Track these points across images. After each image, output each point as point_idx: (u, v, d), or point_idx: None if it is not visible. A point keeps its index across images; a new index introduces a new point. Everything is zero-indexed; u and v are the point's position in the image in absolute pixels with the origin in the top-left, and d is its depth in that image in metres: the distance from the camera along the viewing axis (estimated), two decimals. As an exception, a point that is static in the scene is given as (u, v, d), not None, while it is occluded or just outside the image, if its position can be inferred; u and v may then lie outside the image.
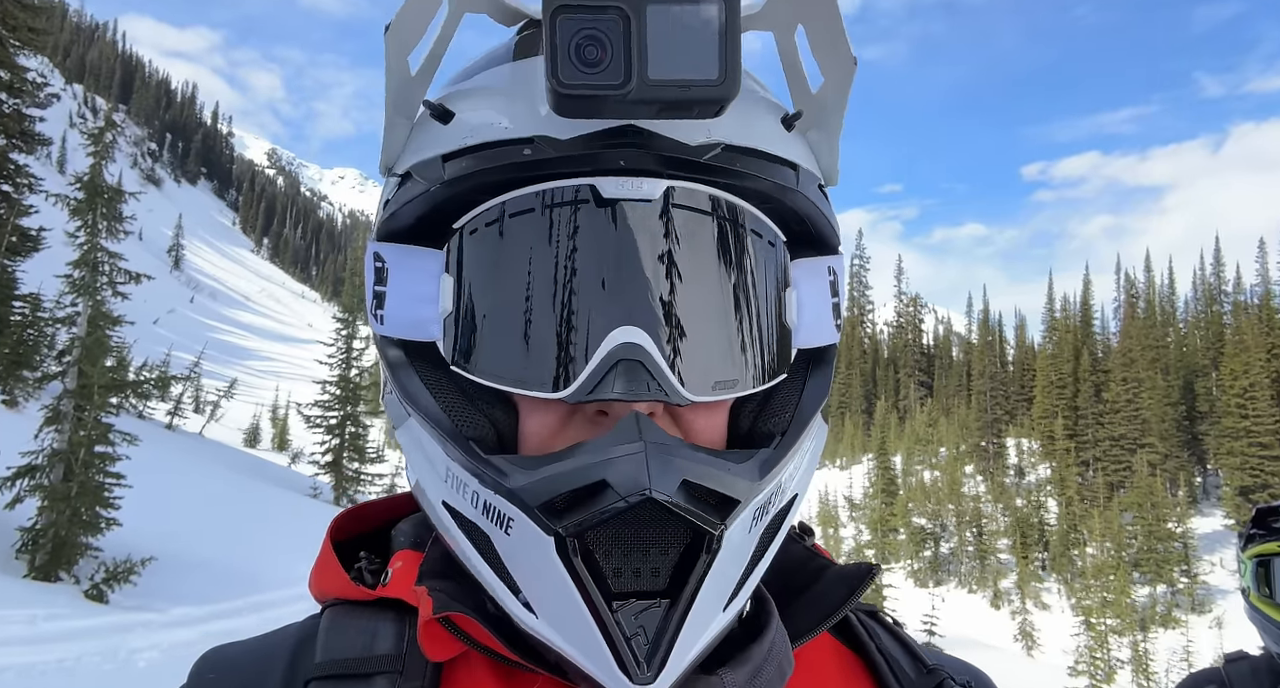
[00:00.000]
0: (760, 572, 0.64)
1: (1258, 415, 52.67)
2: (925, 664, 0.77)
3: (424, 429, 0.66)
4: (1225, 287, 69.72)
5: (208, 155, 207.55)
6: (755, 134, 0.65)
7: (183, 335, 73.97)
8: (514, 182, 0.63)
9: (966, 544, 59.65)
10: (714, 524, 0.56)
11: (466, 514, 0.62)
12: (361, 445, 29.98)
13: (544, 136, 0.61)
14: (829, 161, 0.74)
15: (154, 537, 12.33)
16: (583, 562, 0.56)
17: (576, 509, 0.55)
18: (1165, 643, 40.10)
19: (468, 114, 0.66)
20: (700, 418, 0.66)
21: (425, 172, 0.65)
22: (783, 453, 0.65)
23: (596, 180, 0.61)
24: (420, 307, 0.66)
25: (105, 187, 13.92)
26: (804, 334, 0.70)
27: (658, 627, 0.56)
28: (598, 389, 0.59)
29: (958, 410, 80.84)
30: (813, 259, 0.72)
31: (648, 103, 0.56)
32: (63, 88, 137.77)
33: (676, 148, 0.61)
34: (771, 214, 0.68)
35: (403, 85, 0.67)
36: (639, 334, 0.59)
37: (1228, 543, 51.78)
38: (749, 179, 0.65)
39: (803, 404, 0.70)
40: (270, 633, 0.74)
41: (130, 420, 17.59)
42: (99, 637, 8.49)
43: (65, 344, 13.47)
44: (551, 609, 0.57)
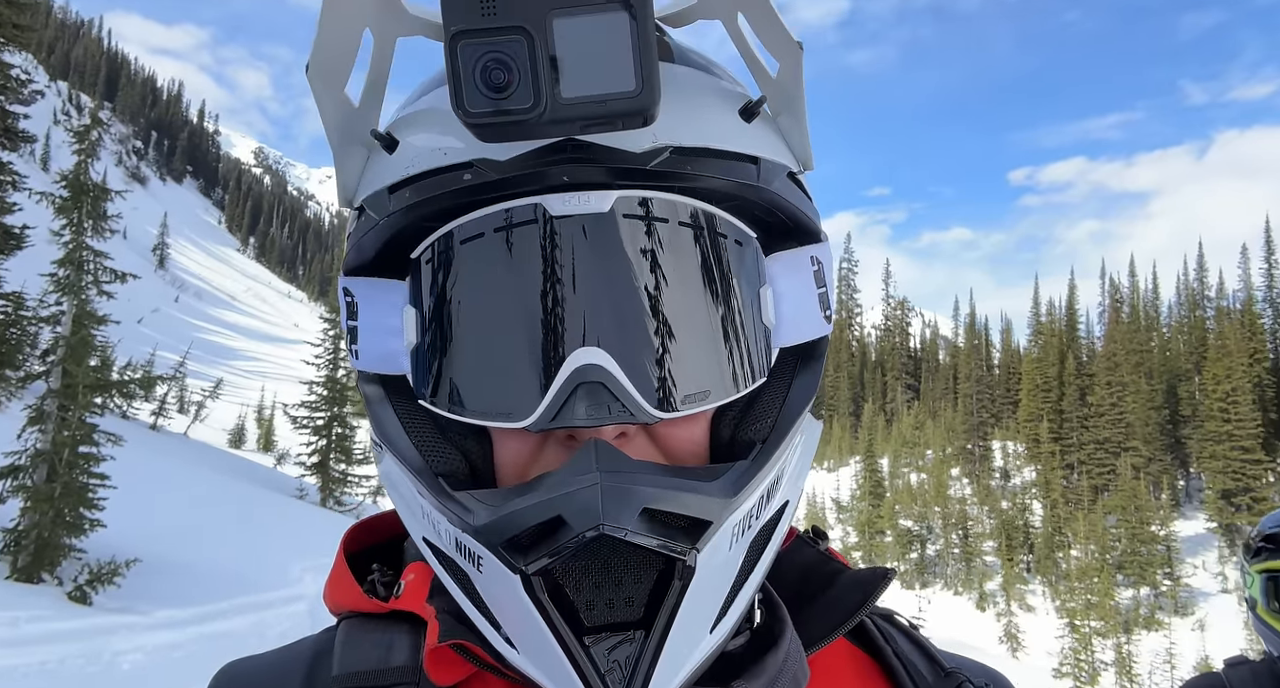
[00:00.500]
0: (752, 586, 0.62)
1: (1239, 420, 53.23)
2: (943, 668, 0.76)
3: (396, 466, 0.65)
4: (1208, 292, 70.47)
5: (194, 153, 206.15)
6: (706, 132, 0.63)
7: (168, 335, 73.40)
8: (464, 207, 0.61)
9: (952, 546, 59.98)
10: (683, 550, 0.55)
11: (444, 550, 0.61)
12: (349, 447, 29.83)
13: (484, 159, 0.59)
14: (801, 146, 0.70)
15: (138, 538, 12.22)
16: (552, 597, 0.54)
17: (540, 545, 0.54)
18: (1148, 645, 40.43)
19: (411, 139, 0.64)
20: (678, 432, 0.64)
21: (375, 205, 0.64)
22: (761, 464, 0.62)
23: (543, 198, 0.59)
24: (389, 340, 0.65)
25: (90, 184, 13.79)
26: (785, 332, 0.67)
27: (634, 660, 0.55)
28: (560, 415, 0.57)
29: (944, 413, 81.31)
30: (793, 251, 0.69)
31: (565, 122, 0.54)
32: (47, 85, 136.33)
33: (621, 157, 0.59)
34: (738, 210, 0.65)
35: (347, 118, 0.65)
36: (599, 354, 0.57)
37: (1210, 546, 52.32)
38: (703, 180, 0.62)
39: (786, 407, 0.67)
40: (286, 647, 0.74)
41: (114, 421, 17.44)
42: (82, 639, 8.41)
43: (49, 343, 13.33)
44: (528, 645, 0.57)
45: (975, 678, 0.77)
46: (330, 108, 0.64)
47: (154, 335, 63.85)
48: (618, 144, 0.59)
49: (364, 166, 0.68)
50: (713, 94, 0.66)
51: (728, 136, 0.64)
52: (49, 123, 69.46)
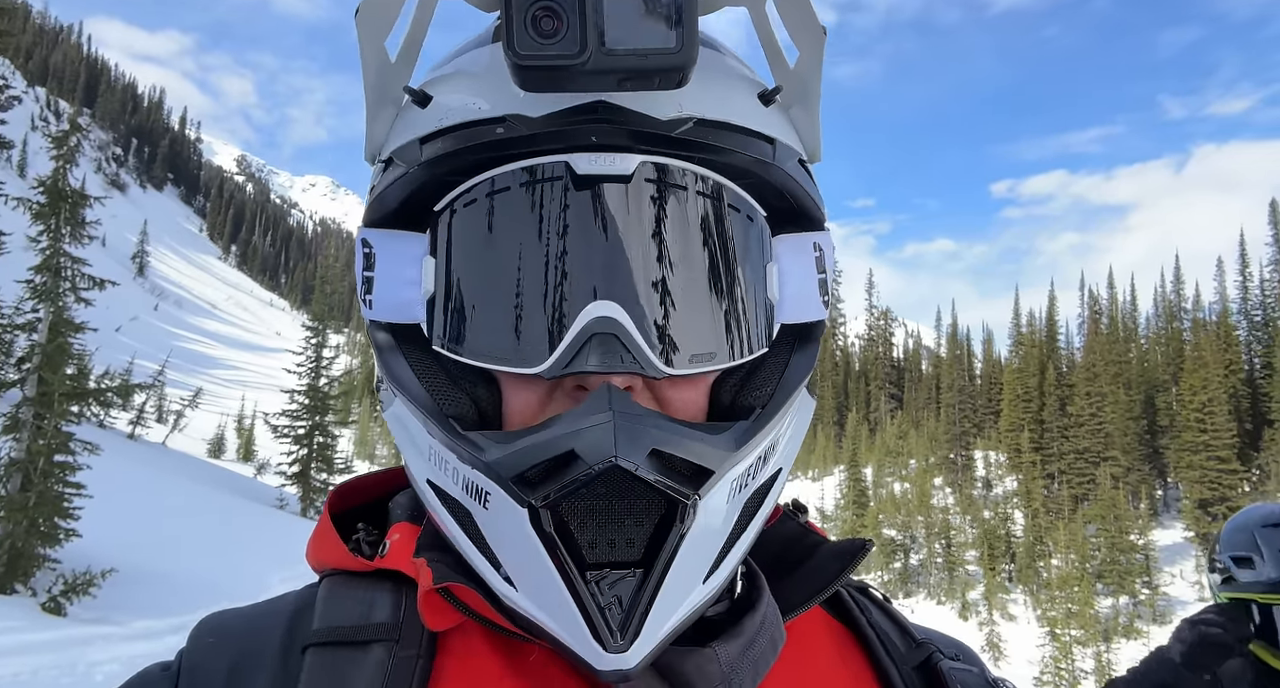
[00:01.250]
0: (744, 545, 0.64)
1: (1216, 430, 53.92)
2: (914, 638, 0.79)
3: (408, 409, 0.67)
4: (1185, 304, 71.49)
5: (175, 161, 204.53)
6: (729, 108, 0.65)
7: (146, 343, 72.59)
8: (491, 162, 0.63)
9: (935, 556, 60.22)
10: (686, 494, 0.57)
11: (449, 491, 0.63)
12: (330, 456, 29.62)
13: (516, 115, 0.61)
14: (811, 137, 0.73)
15: (114, 548, 12.06)
16: (557, 533, 0.56)
17: (549, 481, 0.56)
18: (1128, 654, 40.72)
19: (445, 97, 0.66)
20: (680, 392, 0.66)
21: (404, 155, 0.66)
22: (762, 424, 0.65)
23: (569, 157, 0.61)
24: (405, 290, 0.67)
25: (69, 191, 13.66)
26: (788, 309, 0.70)
27: (631, 597, 0.56)
28: (573, 363, 0.59)
29: (927, 423, 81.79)
30: (797, 235, 0.72)
31: (606, 72, 0.56)
32: (24, 90, 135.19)
33: (648, 123, 0.61)
34: (750, 189, 0.67)
35: (381, 72, 0.67)
36: (614, 308, 0.59)
37: (1187, 555, 52.83)
38: (723, 153, 0.64)
39: (786, 378, 0.69)
40: (268, 601, 0.75)
41: (91, 430, 17.23)
42: (56, 650, 8.29)
43: (25, 351, 13.15)
44: (529, 582, 0.58)
45: (945, 649, 0.79)
46: (370, 57, 0.66)
47: (132, 343, 63.13)
48: (645, 110, 0.61)
49: (392, 122, 0.71)
50: (735, 76, 0.70)
51: (748, 115, 0.67)
52: (26, 128, 68.77)
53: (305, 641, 0.66)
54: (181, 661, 0.69)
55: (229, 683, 0.65)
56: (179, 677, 0.67)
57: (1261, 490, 54.60)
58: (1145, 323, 74.57)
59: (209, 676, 0.66)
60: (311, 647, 0.65)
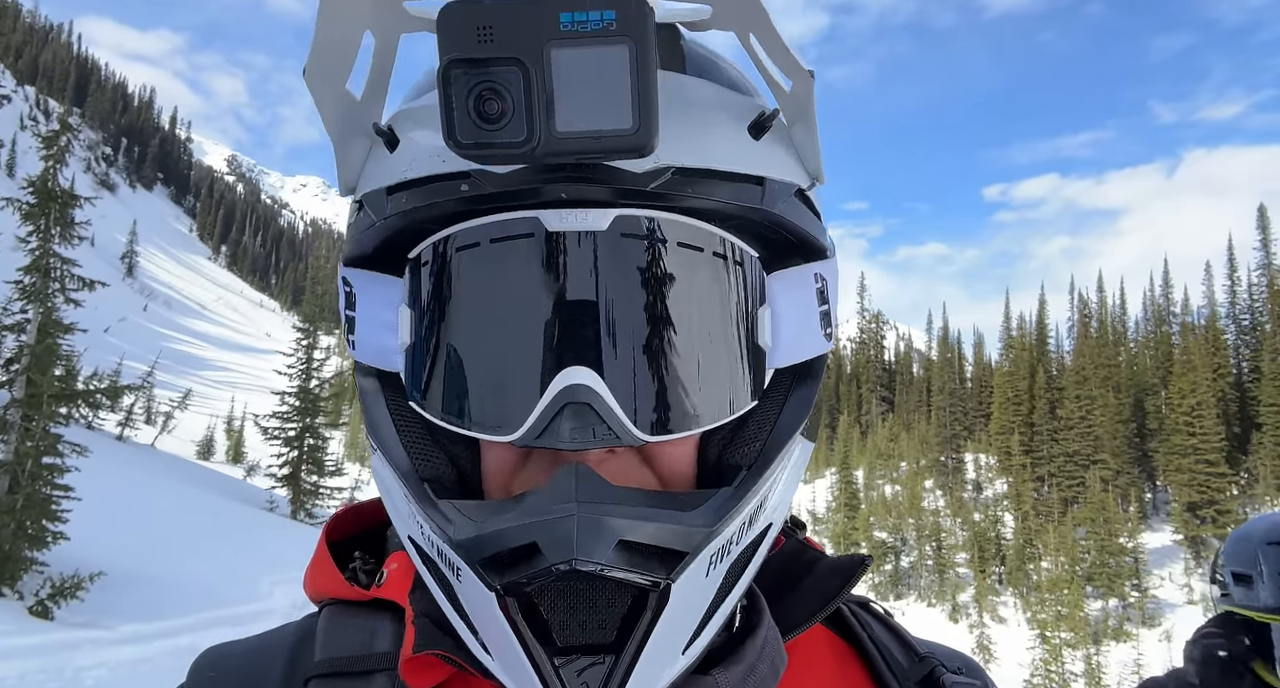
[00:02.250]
0: (728, 607, 0.62)
1: (1204, 433, 54.27)
2: (917, 653, 0.78)
3: (384, 467, 0.65)
4: (1174, 308, 71.99)
5: (165, 161, 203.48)
6: (711, 152, 0.61)
7: (135, 344, 72.16)
8: (462, 215, 0.61)
9: (926, 558, 60.39)
10: (656, 582, 0.54)
11: (428, 553, 0.61)
12: (320, 458, 29.44)
13: (481, 171, 0.58)
14: (813, 159, 0.69)
15: (103, 551, 11.97)
16: (527, 616, 0.54)
17: (518, 566, 0.54)
18: (1117, 656, 40.94)
19: (412, 138, 0.63)
20: (665, 452, 0.63)
21: (373, 204, 0.64)
22: (744, 491, 0.61)
23: (540, 213, 0.58)
24: (384, 335, 0.65)
25: (58, 191, 13.57)
26: (782, 353, 0.66)
27: (602, 682, 0.55)
28: (545, 434, 0.57)
29: (918, 426, 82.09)
30: (796, 269, 0.67)
31: (557, 155, 0.52)
32: (14, 90, 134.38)
33: (621, 177, 0.58)
34: (740, 229, 0.64)
35: (349, 111, 0.64)
36: (588, 375, 0.57)
37: (1176, 558, 53.14)
38: (704, 201, 0.60)
39: (776, 432, 0.66)
40: (268, 632, 0.74)
41: (80, 431, 17.11)
42: (44, 655, 8.20)
43: (13, 352, 13.06)
44: (502, 659, 0.57)
45: (948, 662, 0.78)
46: (329, 104, 0.63)
47: (121, 345, 62.72)
48: (619, 163, 0.58)
49: (366, 157, 0.68)
50: (721, 109, 0.64)
51: (733, 157, 0.62)
52: (15, 128, 68.25)
53: (308, 672, 0.65)
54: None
55: None
56: None
57: (1249, 493, 54.99)
58: (1134, 327, 75.11)
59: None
60: (315, 678, 0.64)
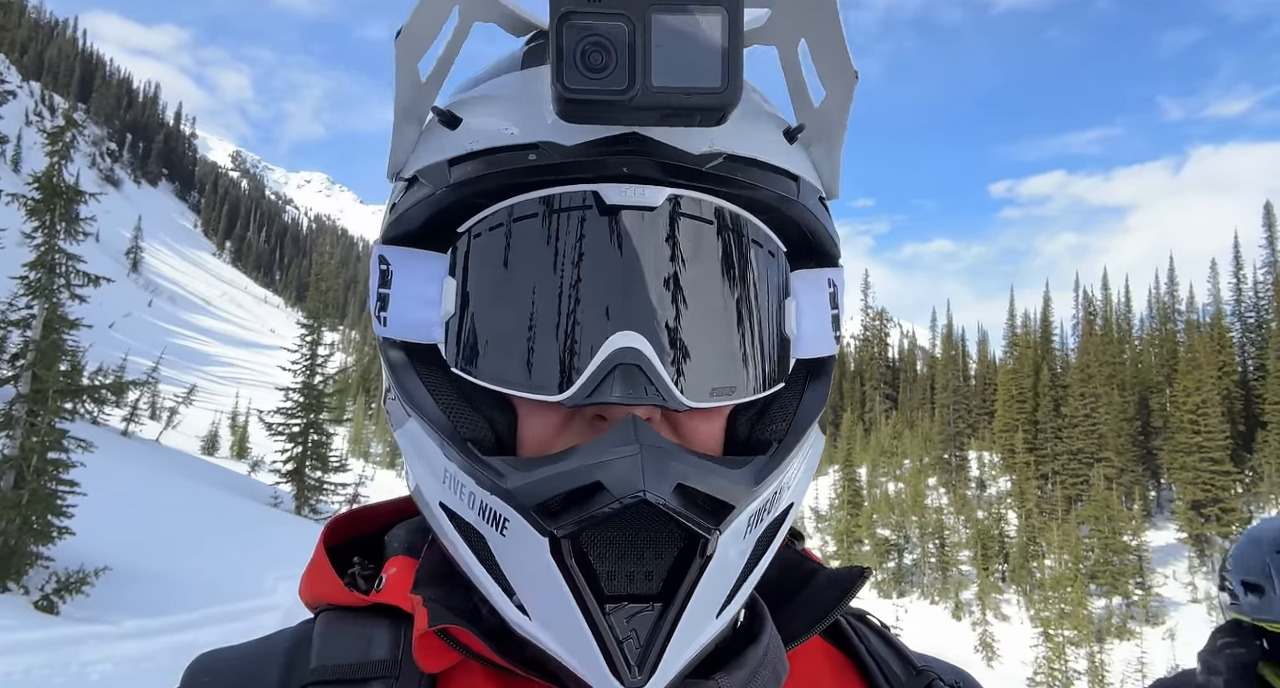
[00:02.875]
0: (754, 579, 0.65)
1: (1209, 431, 54.11)
2: (914, 666, 0.79)
3: (423, 430, 0.66)
4: (1179, 306, 71.71)
5: (169, 157, 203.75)
6: (757, 145, 0.66)
7: (140, 340, 72.32)
8: (518, 187, 0.64)
9: (929, 556, 60.34)
10: (708, 529, 0.57)
11: (463, 516, 0.62)
12: (324, 454, 29.50)
13: (549, 142, 0.62)
14: (831, 175, 0.74)
15: (108, 546, 12.00)
16: (577, 564, 0.56)
17: (571, 510, 0.55)
18: (1121, 654, 40.89)
19: (475, 120, 0.67)
20: (698, 424, 0.66)
21: (431, 175, 0.66)
22: (779, 460, 0.65)
23: (599, 187, 0.62)
24: (423, 309, 0.67)
25: (63, 186, 13.58)
26: (804, 344, 0.70)
27: (650, 631, 0.56)
28: (596, 393, 0.59)
29: (922, 423, 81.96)
30: (813, 271, 0.72)
31: (651, 109, 0.57)
32: (19, 85, 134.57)
33: (679, 156, 0.62)
34: (772, 224, 0.69)
35: (412, 91, 0.68)
36: (638, 339, 0.60)
37: (1180, 556, 53.04)
38: (750, 189, 0.65)
39: (800, 413, 0.70)
40: (264, 638, 0.74)
41: (85, 427, 17.15)
42: (49, 649, 8.22)
43: (19, 347, 13.08)
44: (544, 611, 0.58)
45: (945, 677, 0.79)
46: (404, 79, 0.67)
47: (126, 340, 62.84)
48: (676, 143, 0.62)
49: (417, 140, 0.71)
50: (762, 113, 0.70)
51: (775, 152, 0.67)
52: (21, 124, 68.29)
53: (303, 680, 0.65)
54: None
55: None
56: None
57: (1254, 492, 54.85)
58: (1139, 324, 74.88)
59: None
60: (310, 686, 0.64)
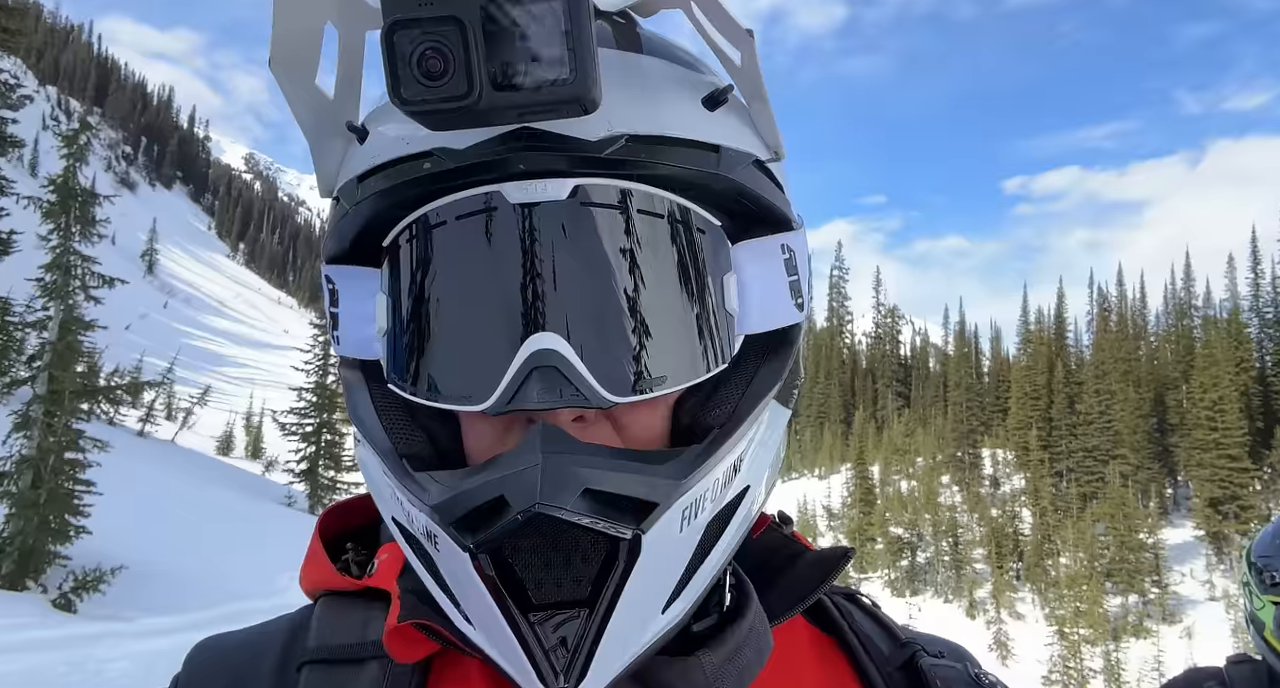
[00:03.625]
0: (710, 569, 0.63)
1: (1227, 428, 53.62)
2: (899, 639, 0.79)
3: (366, 449, 0.67)
4: (1195, 301, 71.04)
5: (183, 159, 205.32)
6: (664, 120, 0.63)
7: (156, 341, 72.92)
8: (428, 195, 0.63)
9: (943, 554, 60.09)
10: (624, 531, 0.55)
11: (409, 529, 0.63)
12: (338, 454, 29.69)
13: (442, 148, 0.60)
14: (771, 133, 0.70)
15: (124, 545, 12.13)
16: (501, 574, 0.55)
17: (485, 525, 0.55)
18: (1137, 653, 40.59)
19: (382, 129, 0.66)
20: (638, 417, 0.65)
21: (346, 193, 0.66)
22: (715, 447, 0.62)
23: (501, 186, 0.60)
24: (364, 326, 0.68)
25: (79, 189, 13.74)
26: (751, 319, 0.68)
27: (576, 638, 0.56)
28: (515, 399, 0.58)
29: (934, 421, 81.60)
30: (761, 239, 0.69)
31: (501, 109, 0.55)
32: (36, 90, 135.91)
33: (577, 145, 0.60)
34: (700, 199, 0.65)
35: (322, 111, 0.67)
36: (554, 339, 0.58)
37: (1197, 554, 52.58)
38: (660, 167, 0.62)
39: (749, 394, 0.67)
40: (264, 622, 0.76)
41: (101, 427, 17.34)
42: (67, 647, 8.33)
43: (35, 349, 13.25)
44: (480, 622, 0.59)
45: (929, 647, 0.79)
46: (300, 101, 0.65)
47: (142, 342, 63.40)
48: (573, 132, 0.59)
49: (343, 157, 0.70)
50: (676, 83, 0.67)
51: (686, 125, 0.64)
52: (38, 128, 68.67)
53: (302, 659, 0.66)
54: (176, 686, 0.70)
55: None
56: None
57: (1273, 489, 54.30)
58: (1155, 320, 74.23)
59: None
60: (308, 664, 0.66)
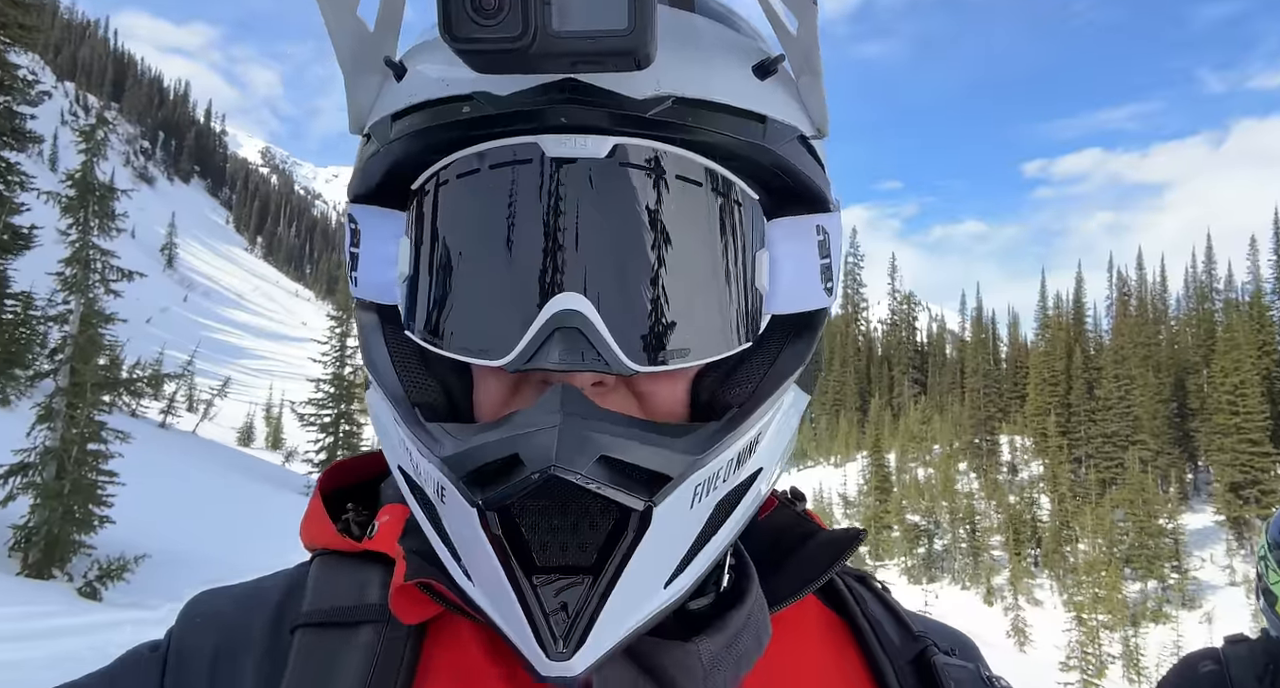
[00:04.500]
0: (716, 546, 0.61)
1: (1248, 412, 53.02)
2: (911, 631, 0.77)
3: (377, 395, 0.66)
4: (1217, 284, 70.07)
5: (200, 153, 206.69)
6: (713, 85, 0.61)
7: (176, 334, 73.77)
8: (465, 140, 0.61)
9: (960, 541, 59.90)
10: (637, 501, 0.54)
11: (415, 479, 0.62)
12: (356, 444, 29.97)
13: (483, 93, 0.58)
14: (819, 109, 0.68)
15: (147, 535, 12.34)
16: (507, 534, 0.54)
17: (497, 482, 0.54)
18: (1156, 638, 40.37)
19: (418, 68, 0.63)
20: (658, 389, 0.63)
21: (378, 131, 0.64)
22: (733, 426, 0.61)
23: (539, 138, 0.58)
24: (385, 269, 0.66)
25: (97, 184, 13.91)
26: (780, 300, 0.66)
27: (577, 604, 0.54)
28: (535, 358, 0.57)
29: (951, 408, 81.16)
30: (797, 218, 0.67)
31: (553, 56, 0.53)
32: (54, 85, 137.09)
33: (621, 102, 0.57)
34: (741, 170, 0.63)
35: (360, 42, 0.65)
36: (580, 301, 0.57)
37: (1218, 539, 52.13)
38: (704, 133, 0.60)
39: (770, 375, 0.66)
40: (260, 579, 0.75)
41: (123, 419, 17.61)
42: (92, 634, 8.51)
43: (57, 342, 13.45)
44: (482, 579, 0.57)
45: (941, 642, 0.77)
46: (340, 31, 0.63)
47: (162, 335, 64.16)
48: (619, 89, 0.57)
49: (377, 93, 0.68)
50: (728, 48, 0.64)
51: (735, 92, 0.62)
52: (56, 123, 69.31)
53: (295, 621, 0.66)
54: (170, 640, 0.69)
55: (215, 663, 0.65)
56: (167, 657, 0.67)
57: (1295, 474, 53.68)
58: (1175, 304, 73.31)
59: (196, 656, 0.66)
60: (300, 627, 0.65)
